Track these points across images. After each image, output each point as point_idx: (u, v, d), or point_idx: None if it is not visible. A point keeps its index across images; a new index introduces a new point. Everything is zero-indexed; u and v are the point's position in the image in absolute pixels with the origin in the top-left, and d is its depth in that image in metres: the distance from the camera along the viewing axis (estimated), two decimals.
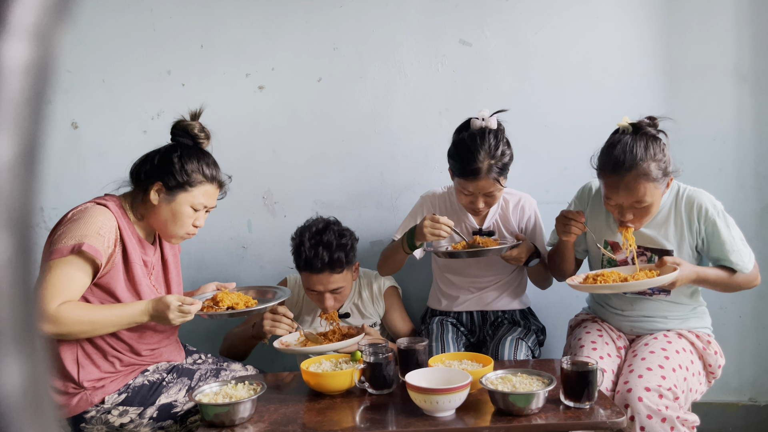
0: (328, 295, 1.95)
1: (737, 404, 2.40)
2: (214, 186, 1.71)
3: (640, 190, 1.67)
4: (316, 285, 1.94)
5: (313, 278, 1.93)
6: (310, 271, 1.92)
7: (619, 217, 1.76)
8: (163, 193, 1.65)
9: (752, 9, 2.26)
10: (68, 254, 1.49)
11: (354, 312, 2.14)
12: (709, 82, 2.30)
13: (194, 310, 1.57)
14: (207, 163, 1.70)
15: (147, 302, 1.58)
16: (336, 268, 1.91)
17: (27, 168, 0.25)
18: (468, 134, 1.88)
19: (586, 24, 2.33)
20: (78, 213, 1.58)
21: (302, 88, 2.40)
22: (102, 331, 1.56)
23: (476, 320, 2.15)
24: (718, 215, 1.76)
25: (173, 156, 1.66)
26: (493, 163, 1.84)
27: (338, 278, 1.94)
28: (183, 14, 2.37)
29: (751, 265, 1.78)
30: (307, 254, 1.90)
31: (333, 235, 1.93)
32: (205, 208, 1.70)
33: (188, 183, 1.65)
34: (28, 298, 0.26)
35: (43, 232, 2.28)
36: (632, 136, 1.71)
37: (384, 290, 2.18)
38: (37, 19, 0.25)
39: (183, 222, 1.67)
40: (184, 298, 1.57)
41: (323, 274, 1.91)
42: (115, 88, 2.39)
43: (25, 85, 0.25)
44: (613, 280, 1.72)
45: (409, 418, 1.45)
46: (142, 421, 1.65)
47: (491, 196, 1.91)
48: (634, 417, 1.60)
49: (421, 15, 2.36)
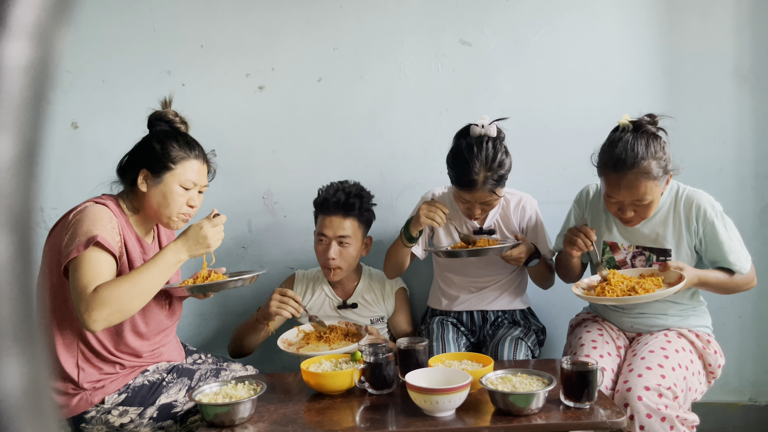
0: (334, 243, 2.02)
1: (737, 404, 2.40)
2: (199, 162, 1.71)
3: (641, 189, 1.68)
4: (326, 228, 2.03)
5: (325, 220, 2.04)
6: (324, 210, 2.05)
7: (620, 214, 1.76)
8: (150, 178, 1.66)
9: (752, 9, 2.26)
10: (84, 249, 1.49)
11: (362, 303, 2.16)
12: (709, 82, 2.30)
13: (223, 218, 1.63)
14: (187, 141, 1.71)
15: (175, 241, 1.58)
16: (349, 211, 2.02)
17: (27, 168, 0.25)
18: (465, 143, 1.85)
19: (586, 24, 2.33)
20: (79, 213, 1.58)
21: (302, 88, 2.40)
22: (151, 290, 1.53)
23: (476, 320, 2.15)
24: (716, 216, 1.76)
25: (152, 141, 1.68)
26: (489, 175, 1.82)
27: (347, 226, 2.03)
28: (183, 14, 2.37)
29: (748, 266, 1.78)
30: (326, 194, 2.06)
31: (353, 187, 2.09)
32: (195, 185, 1.69)
33: (171, 161, 1.66)
34: (28, 298, 0.26)
35: (43, 232, 2.27)
36: (633, 134, 1.71)
37: (396, 290, 2.21)
38: (37, 19, 0.25)
39: (175, 201, 1.66)
40: (206, 218, 1.62)
41: (336, 216, 2.02)
42: (115, 88, 2.39)
43: (25, 85, 0.25)
44: (621, 290, 1.71)
45: (409, 418, 1.45)
46: (142, 421, 1.65)
47: (488, 204, 1.92)
48: (634, 416, 1.60)
49: (421, 15, 2.36)
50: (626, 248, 1.87)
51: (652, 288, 1.67)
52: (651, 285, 1.69)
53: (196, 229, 1.60)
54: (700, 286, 1.78)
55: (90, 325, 1.44)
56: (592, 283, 1.82)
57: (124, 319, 1.52)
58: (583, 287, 1.82)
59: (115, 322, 1.48)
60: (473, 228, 2.08)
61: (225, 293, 2.43)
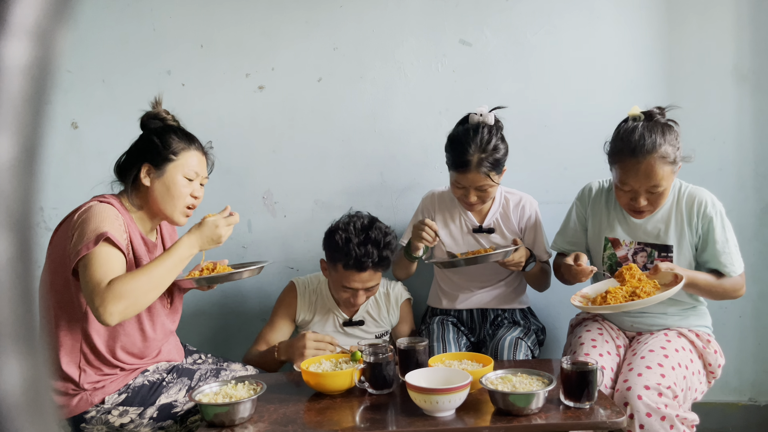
0: (361, 292, 1.94)
1: (737, 404, 2.40)
2: (200, 152, 1.74)
3: (658, 173, 1.68)
4: (356, 283, 1.91)
5: (356, 276, 1.89)
6: (357, 269, 1.88)
7: (632, 204, 1.75)
8: (153, 172, 1.67)
9: (752, 9, 2.26)
10: (94, 246, 1.49)
11: (367, 319, 2.11)
12: (709, 82, 2.30)
13: (237, 218, 1.65)
14: (185, 133, 1.74)
15: (188, 235, 1.59)
16: (382, 266, 1.91)
17: (27, 168, 0.25)
18: (463, 128, 1.92)
19: (586, 24, 2.33)
20: (84, 212, 1.58)
21: (302, 88, 2.40)
22: (165, 283, 1.54)
23: (476, 319, 2.15)
24: (716, 213, 1.76)
25: (150, 137, 1.70)
26: (483, 156, 1.86)
27: (377, 276, 1.95)
28: (183, 14, 2.37)
29: (739, 270, 1.78)
30: (357, 252, 1.85)
31: (380, 233, 1.90)
32: (197, 175, 1.71)
33: (172, 152, 1.68)
34: (28, 299, 0.26)
35: (43, 231, 2.28)
36: (647, 123, 1.72)
37: (401, 302, 2.16)
38: (37, 19, 0.25)
39: (180, 192, 1.68)
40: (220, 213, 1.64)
41: (367, 272, 1.89)
42: (115, 88, 2.39)
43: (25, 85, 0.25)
44: (622, 296, 1.68)
45: (409, 418, 1.45)
46: (142, 421, 1.65)
47: (483, 191, 1.92)
48: (634, 415, 1.60)
49: (421, 15, 2.36)
50: (628, 244, 1.87)
51: (653, 291, 1.67)
52: (651, 289, 1.68)
53: (211, 225, 1.61)
54: (689, 288, 1.76)
55: (106, 318, 1.43)
56: (588, 296, 1.81)
57: (138, 312, 1.52)
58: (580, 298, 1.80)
59: (130, 315, 1.48)
60: (473, 226, 2.08)
61: (225, 293, 2.43)
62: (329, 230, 1.97)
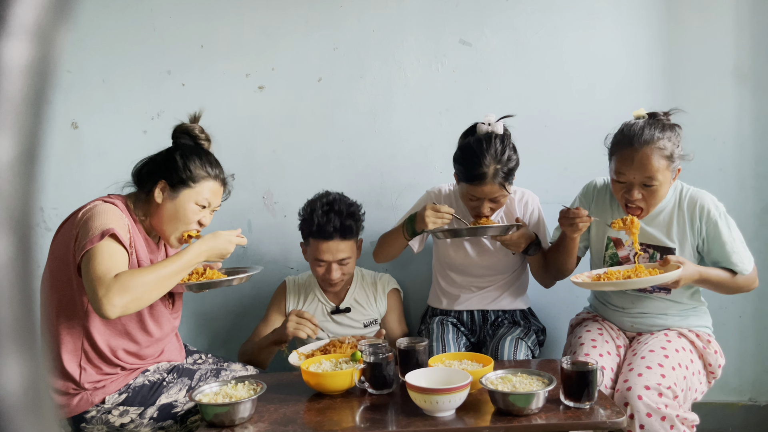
0: (335, 265, 1.99)
1: (737, 404, 2.40)
2: (218, 183, 1.73)
3: (654, 165, 1.69)
4: (325, 253, 1.98)
5: (323, 246, 1.97)
6: (321, 237, 1.96)
7: (626, 197, 1.76)
8: (167, 191, 1.66)
9: (752, 9, 2.26)
10: (99, 241, 1.49)
11: (355, 306, 2.15)
12: (709, 82, 2.30)
13: (245, 242, 1.71)
14: (210, 161, 1.72)
15: (200, 243, 1.61)
16: (346, 234, 1.97)
17: (27, 168, 0.25)
18: (474, 139, 1.88)
19: (586, 24, 2.33)
20: (89, 211, 1.58)
21: (302, 88, 2.40)
22: (169, 284, 1.54)
23: (477, 319, 2.15)
24: (719, 216, 1.77)
25: (175, 155, 1.68)
26: (499, 168, 1.84)
27: (346, 247, 1.99)
28: (183, 14, 2.37)
29: (750, 267, 1.79)
30: (319, 220, 1.96)
31: (343, 204, 2.00)
32: (209, 205, 1.71)
33: (191, 179, 1.67)
34: (28, 299, 0.26)
35: (43, 231, 2.28)
36: (650, 120, 1.76)
37: (388, 291, 2.19)
38: (37, 19, 0.25)
39: (187, 219, 1.67)
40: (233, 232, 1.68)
41: (333, 240, 1.96)
42: (115, 88, 2.39)
43: (25, 85, 0.25)
44: (617, 279, 1.73)
45: (409, 418, 1.45)
46: (142, 421, 1.65)
47: (497, 202, 1.91)
48: (634, 415, 1.60)
49: (421, 15, 2.36)
50: (630, 245, 1.87)
51: (647, 274, 1.69)
52: (647, 273, 1.70)
53: (224, 240, 1.63)
54: (701, 283, 1.78)
55: (107, 309, 1.41)
56: (591, 275, 1.82)
57: (138, 309, 1.51)
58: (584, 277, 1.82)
59: (131, 311, 1.47)
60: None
61: (225, 293, 2.43)
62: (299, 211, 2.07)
